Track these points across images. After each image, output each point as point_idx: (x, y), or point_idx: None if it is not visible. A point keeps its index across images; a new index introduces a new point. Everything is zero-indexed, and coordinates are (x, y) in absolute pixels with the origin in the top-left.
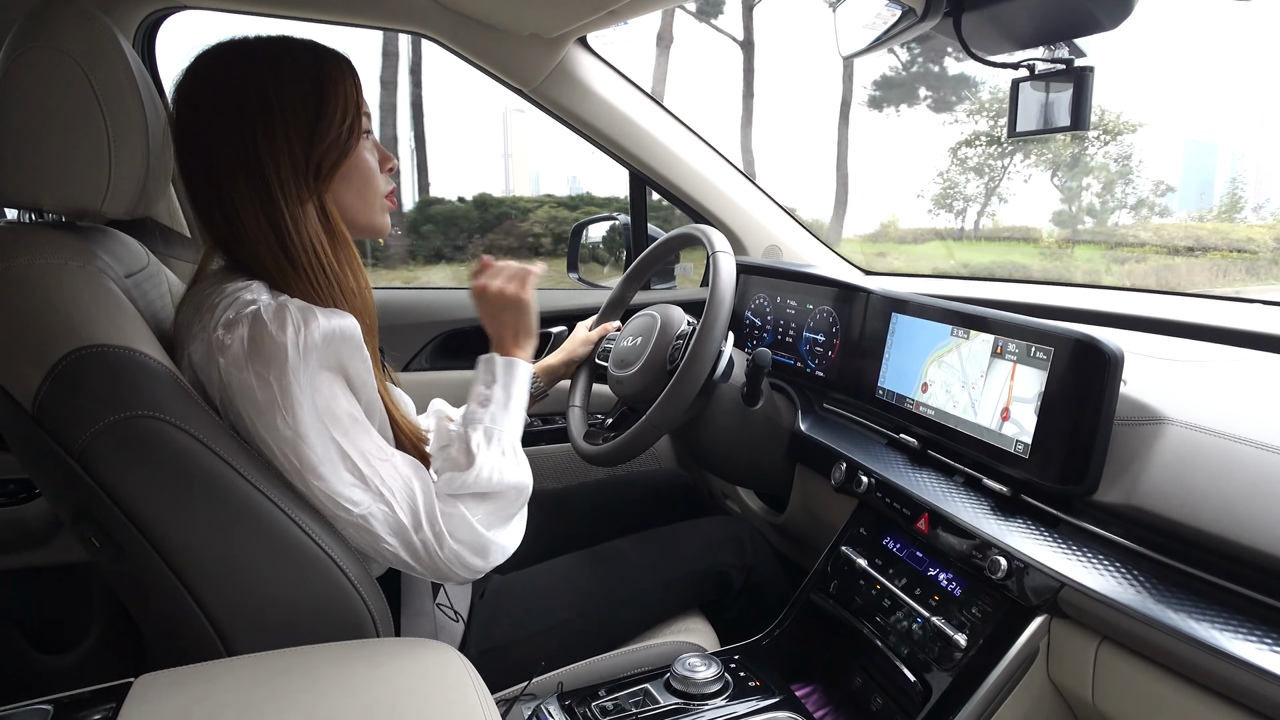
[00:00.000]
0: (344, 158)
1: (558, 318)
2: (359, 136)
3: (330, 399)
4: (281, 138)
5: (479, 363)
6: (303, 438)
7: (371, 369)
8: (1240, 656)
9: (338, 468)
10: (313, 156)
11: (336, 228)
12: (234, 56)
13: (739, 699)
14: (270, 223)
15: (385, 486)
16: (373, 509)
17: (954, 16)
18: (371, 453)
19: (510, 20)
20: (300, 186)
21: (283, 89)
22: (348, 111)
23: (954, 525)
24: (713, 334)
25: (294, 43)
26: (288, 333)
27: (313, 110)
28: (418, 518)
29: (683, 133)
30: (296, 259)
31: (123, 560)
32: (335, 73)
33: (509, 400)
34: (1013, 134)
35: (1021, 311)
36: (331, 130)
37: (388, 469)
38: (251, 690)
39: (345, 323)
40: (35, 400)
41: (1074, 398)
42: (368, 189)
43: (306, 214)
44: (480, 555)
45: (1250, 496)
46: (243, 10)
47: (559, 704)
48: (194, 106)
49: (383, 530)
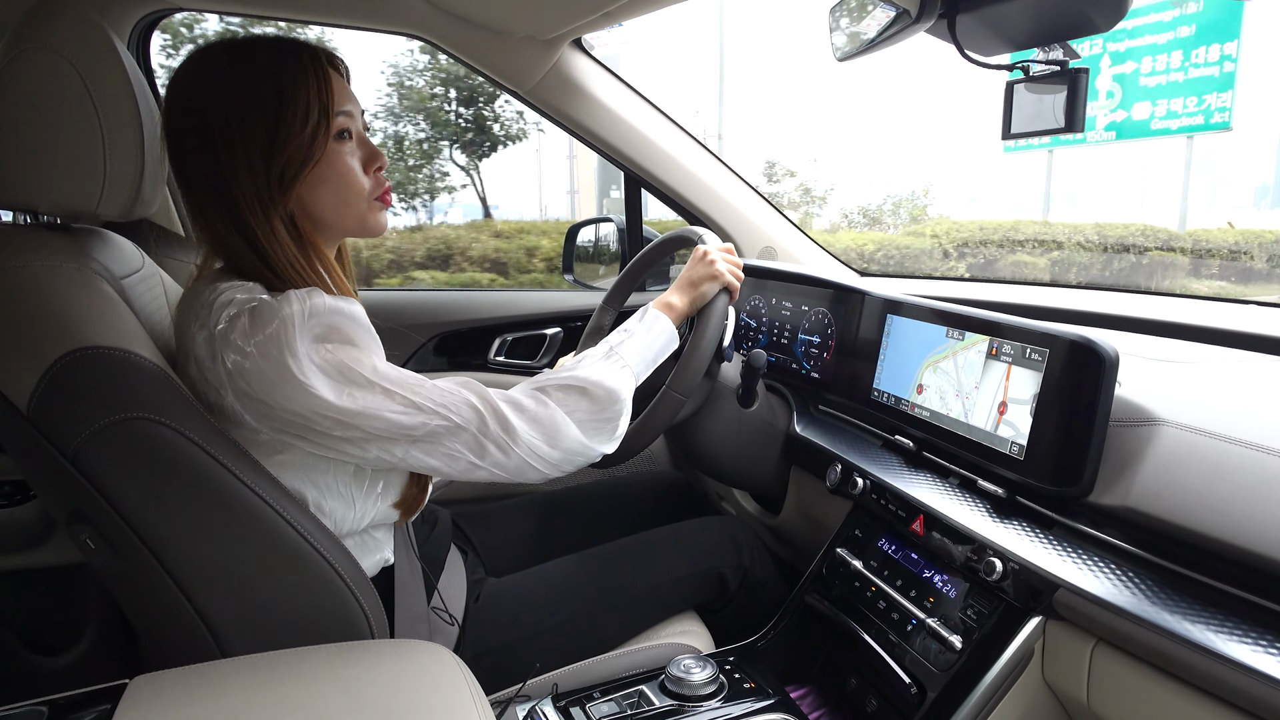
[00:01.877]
0: (308, 163)
1: (553, 319)
2: (326, 138)
3: (346, 353)
4: (240, 149)
5: (642, 309)
6: (333, 395)
7: (382, 351)
8: (1234, 658)
9: (382, 402)
10: (274, 165)
11: (307, 238)
12: (200, 64)
13: (734, 701)
14: (242, 235)
15: (437, 404)
16: (432, 424)
17: (948, 18)
18: (410, 382)
19: (505, 22)
20: (264, 200)
21: (242, 97)
22: (310, 113)
23: (949, 527)
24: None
25: (258, 44)
26: (292, 306)
27: (272, 118)
28: (483, 422)
29: (678, 134)
30: (276, 268)
31: (117, 562)
32: (297, 73)
33: (647, 342)
34: (1007, 135)
35: (1016, 313)
36: (294, 136)
37: (432, 391)
38: (246, 692)
39: (352, 306)
40: (30, 402)
41: (1069, 399)
42: (347, 191)
43: (275, 228)
44: (554, 444)
45: (1245, 498)
46: (238, 12)
47: (554, 706)
48: (169, 124)
49: (450, 442)
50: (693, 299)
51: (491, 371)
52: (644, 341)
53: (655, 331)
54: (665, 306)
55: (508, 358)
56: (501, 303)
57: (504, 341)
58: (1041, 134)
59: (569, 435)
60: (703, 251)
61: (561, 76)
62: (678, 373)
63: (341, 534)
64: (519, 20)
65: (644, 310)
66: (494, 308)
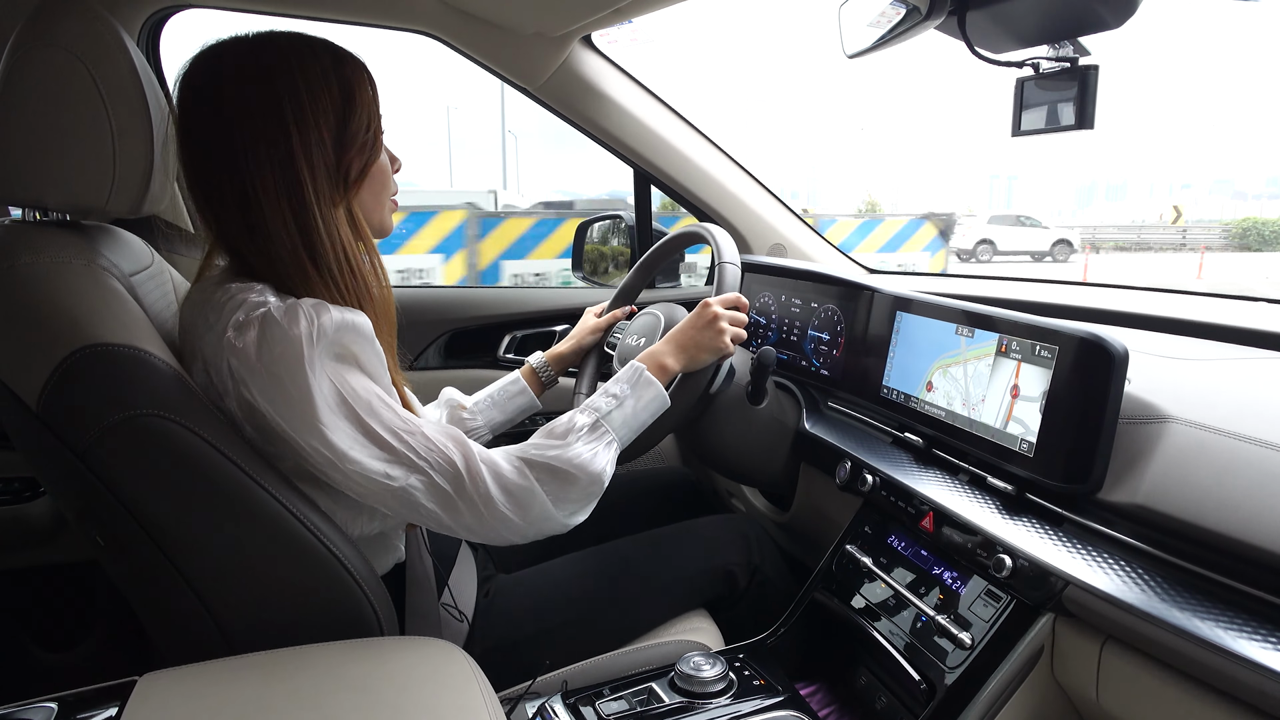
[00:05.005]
0: (371, 163)
1: (562, 316)
2: (381, 142)
3: (348, 382)
4: (316, 138)
5: (628, 366)
6: (328, 426)
7: (385, 364)
8: (1245, 655)
9: (368, 448)
10: (343, 160)
11: (363, 231)
12: (258, 50)
13: (743, 698)
14: (299, 223)
15: (420, 458)
16: (411, 480)
17: (958, 15)
18: (399, 427)
19: (514, 19)
20: (333, 190)
21: (312, 88)
22: (372, 116)
23: (959, 524)
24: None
25: (314, 42)
26: (300, 326)
27: (341, 113)
28: (460, 483)
29: (688, 131)
30: (321, 260)
31: (127, 558)
32: (357, 76)
33: (635, 412)
34: (1017, 133)
35: (1026, 310)
36: (359, 135)
37: (418, 440)
38: (256, 689)
39: (357, 318)
40: (40, 399)
41: (1079, 396)
42: (383, 191)
43: (337, 217)
44: (528, 519)
45: (1255, 495)
46: (247, 9)
47: (563, 703)
48: (212, 101)
49: (425, 499)
50: (688, 365)
51: (501, 368)
52: (633, 410)
53: (646, 400)
54: (658, 369)
55: (517, 354)
56: (511, 300)
57: (514, 338)
58: (1052, 131)
59: (543, 511)
60: (711, 313)
61: (571, 74)
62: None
63: (353, 537)
64: (528, 17)
65: (636, 372)
66: (503, 305)
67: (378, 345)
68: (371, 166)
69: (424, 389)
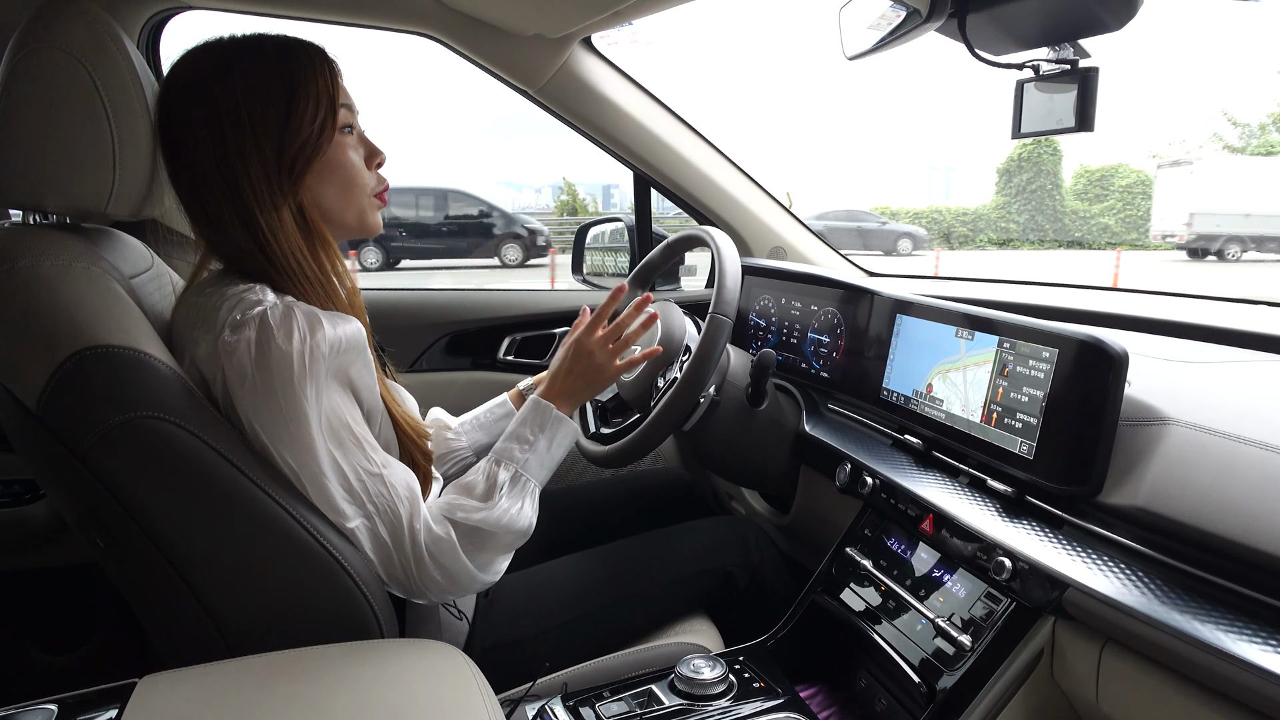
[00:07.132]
0: (316, 156)
1: (562, 319)
2: (333, 132)
3: (333, 410)
4: (251, 141)
5: (530, 403)
6: (305, 448)
7: (374, 371)
8: (1245, 658)
9: (332, 480)
10: (284, 157)
11: (316, 229)
12: (204, 60)
13: (743, 700)
14: (248, 229)
15: (373, 503)
16: (359, 523)
17: (959, 18)
18: (366, 468)
19: (514, 21)
20: (273, 190)
21: (251, 90)
22: (320, 107)
23: (958, 527)
24: (690, 388)
25: (264, 40)
26: (294, 342)
27: (283, 109)
28: (399, 538)
29: (687, 134)
30: (278, 263)
31: (127, 560)
32: (306, 68)
33: (549, 452)
34: (1017, 135)
35: (1026, 313)
36: (303, 128)
37: (378, 486)
38: (256, 691)
39: (351, 329)
40: (40, 401)
41: (1078, 399)
42: (351, 186)
43: (282, 218)
44: (453, 584)
45: (1255, 497)
46: (247, 10)
47: (563, 705)
48: (169, 113)
49: (366, 544)
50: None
51: (502, 370)
52: (546, 449)
53: (559, 439)
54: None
55: (517, 356)
56: (511, 302)
57: (514, 340)
58: (1052, 133)
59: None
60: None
61: (571, 76)
62: (637, 434)
63: None
64: (528, 19)
65: (542, 410)
66: (504, 307)
67: (369, 354)
68: (319, 159)
69: (424, 391)
